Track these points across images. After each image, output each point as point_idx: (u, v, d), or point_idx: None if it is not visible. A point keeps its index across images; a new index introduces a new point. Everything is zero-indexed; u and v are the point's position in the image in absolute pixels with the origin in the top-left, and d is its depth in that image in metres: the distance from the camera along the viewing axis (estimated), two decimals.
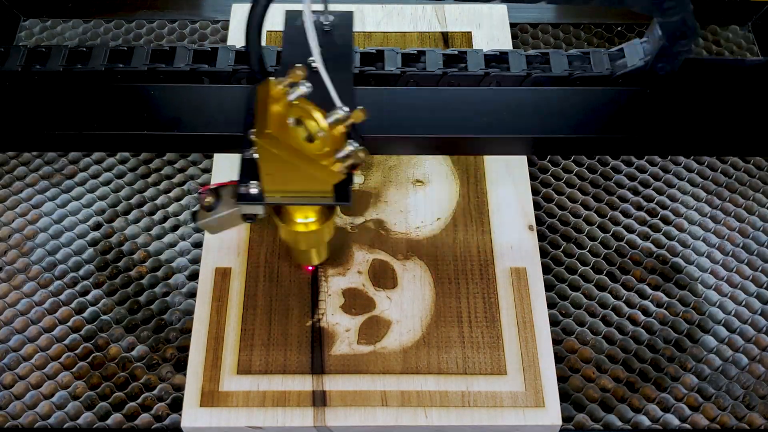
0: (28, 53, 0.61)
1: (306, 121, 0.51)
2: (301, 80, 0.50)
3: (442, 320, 0.67)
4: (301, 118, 0.51)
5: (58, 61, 0.61)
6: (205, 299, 0.67)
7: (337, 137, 0.51)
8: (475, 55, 0.62)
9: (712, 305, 0.73)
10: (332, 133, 0.50)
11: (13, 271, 0.74)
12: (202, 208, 0.58)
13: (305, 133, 0.51)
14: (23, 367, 0.70)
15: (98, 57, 0.61)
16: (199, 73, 0.61)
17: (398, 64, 0.62)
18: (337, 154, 0.50)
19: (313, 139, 0.51)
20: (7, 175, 0.80)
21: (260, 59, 0.55)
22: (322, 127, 0.50)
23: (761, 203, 0.80)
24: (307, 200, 0.55)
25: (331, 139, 0.50)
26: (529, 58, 0.62)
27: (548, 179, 0.80)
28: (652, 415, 0.68)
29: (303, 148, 0.50)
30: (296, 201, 0.55)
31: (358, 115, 0.50)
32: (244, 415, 0.62)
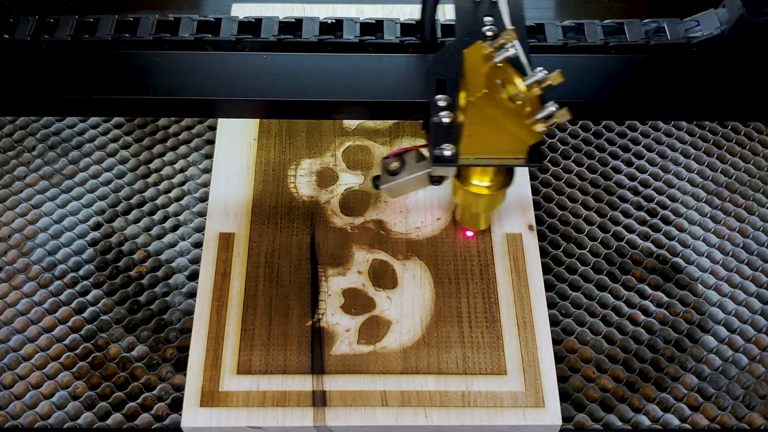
0: (37, 24, 0.62)
1: (507, 84, 0.54)
2: (510, 42, 0.52)
3: (442, 320, 0.67)
4: (504, 81, 0.54)
5: (66, 31, 0.62)
6: (205, 299, 0.67)
7: (534, 99, 0.53)
8: None
9: (712, 305, 0.73)
10: (529, 95, 0.53)
11: (13, 271, 0.74)
12: (388, 172, 0.63)
13: (507, 94, 0.53)
14: (23, 367, 0.70)
15: (105, 27, 0.63)
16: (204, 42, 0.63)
17: None
18: (538, 114, 0.52)
19: (514, 100, 0.53)
20: (7, 175, 0.80)
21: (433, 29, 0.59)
22: (521, 90, 0.53)
23: (761, 203, 0.80)
24: (501, 161, 0.57)
25: (530, 100, 0.53)
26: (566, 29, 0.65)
27: (548, 179, 0.80)
28: (652, 415, 0.68)
29: (511, 109, 0.53)
30: (490, 162, 0.57)
31: (556, 77, 0.52)
32: (244, 415, 0.62)
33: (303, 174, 0.75)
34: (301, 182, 0.74)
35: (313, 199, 0.73)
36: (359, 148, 0.76)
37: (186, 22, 0.63)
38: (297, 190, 0.74)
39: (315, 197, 0.73)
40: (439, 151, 0.57)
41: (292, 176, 0.74)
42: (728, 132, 0.84)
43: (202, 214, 0.77)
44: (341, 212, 0.72)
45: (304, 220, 0.72)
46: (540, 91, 0.53)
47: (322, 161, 0.75)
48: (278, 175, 0.74)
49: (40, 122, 0.84)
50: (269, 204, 0.73)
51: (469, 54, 0.54)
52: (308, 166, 0.75)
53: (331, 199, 0.73)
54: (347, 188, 0.74)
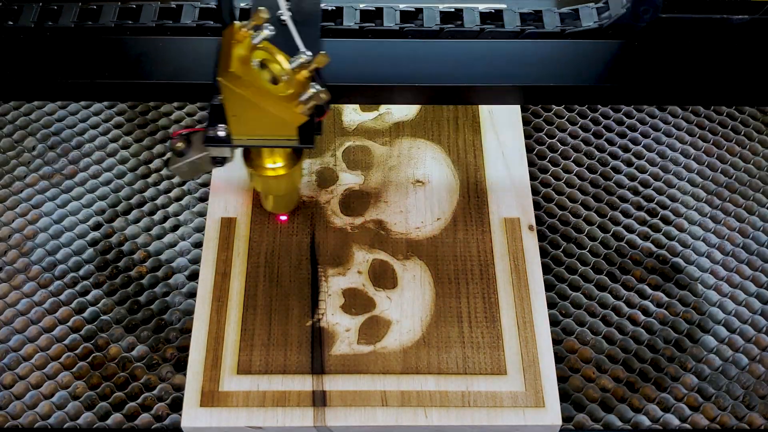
0: (41, 11, 0.63)
1: (270, 65, 0.53)
2: (264, 23, 0.52)
3: (442, 320, 0.67)
4: (266, 62, 0.53)
5: (69, 18, 0.63)
6: (205, 299, 0.67)
7: (300, 81, 0.53)
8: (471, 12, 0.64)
9: (712, 305, 0.73)
10: (296, 77, 0.53)
11: (13, 271, 0.74)
12: (174, 153, 0.60)
13: (269, 75, 0.53)
14: (23, 367, 0.70)
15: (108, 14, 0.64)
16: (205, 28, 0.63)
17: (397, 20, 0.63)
18: (301, 97, 0.52)
19: (277, 81, 0.53)
20: (7, 175, 0.80)
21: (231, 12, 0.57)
22: (286, 71, 0.53)
23: (761, 203, 0.80)
24: (273, 143, 0.57)
25: (295, 82, 0.53)
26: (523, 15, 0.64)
27: (548, 179, 0.80)
28: (652, 415, 0.68)
29: (267, 89, 0.53)
30: (262, 143, 0.58)
31: (321, 59, 0.52)
32: (244, 415, 0.62)
33: (303, 174, 0.75)
34: (301, 182, 0.74)
35: (313, 199, 0.73)
36: (359, 148, 0.76)
37: (188, 9, 0.64)
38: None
39: (315, 197, 0.73)
40: (213, 132, 0.57)
41: None
42: (728, 132, 0.84)
43: (202, 214, 0.77)
44: (341, 212, 0.72)
45: (304, 220, 0.72)
46: (309, 73, 0.53)
47: (322, 161, 0.75)
48: None
49: (40, 122, 0.84)
50: None
51: (225, 35, 0.54)
52: (308, 166, 0.75)
53: (331, 199, 0.73)
54: (347, 188, 0.74)
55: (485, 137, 0.77)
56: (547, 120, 0.84)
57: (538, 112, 0.85)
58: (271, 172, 0.62)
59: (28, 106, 0.85)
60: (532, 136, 0.83)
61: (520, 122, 0.78)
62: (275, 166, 0.62)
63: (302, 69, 0.53)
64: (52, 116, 0.84)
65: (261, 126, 0.55)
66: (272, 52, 0.54)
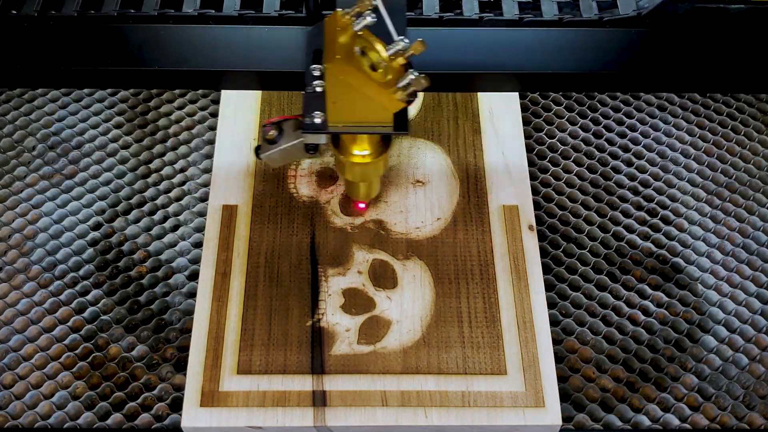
0: (44, 0, 0.64)
1: (369, 52, 0.55)
2: (366, 10, 0.54)
3: (442, 320, 0.67)
4: (365, 49, 0.55)
5: (72, 7, 0.64)
6: (205, 299, 0.67)
7: (396, 68, 0.55)
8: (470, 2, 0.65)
9: (712, 305, 0.73)
10: (392, 64, 0.55)
11: (13, 271, 0.74)
12: (266, 141, 0.63)
13: (369, 62, 0.55)
14: (23, 367, 0.70)
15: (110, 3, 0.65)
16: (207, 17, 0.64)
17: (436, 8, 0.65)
18: (398, 83, 0.54)
19: (376, 68, 0.55)
20: (7, 175, 0.80)
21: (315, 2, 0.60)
22: (383, 58, 0.55)
23: (761, 203, 0.80)
24: (368, 129, 0.59)
25: (392, 69, 0.54)
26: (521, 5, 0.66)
27: (548, 179, 0.80)
28: (652, 415, 0.68)
29: (369, 76, 0.54)
30: (357, 130, 0.59)
31: (417, 46, 0.53)
32: (244, 415, 0.62)
33: (303, 174, 0.75)
34: (301, 182, 0.74)
35: (313, 199, 0.73)
36: None
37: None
38: (297, 190, 0.74)
39: (315, 197, 0.73)
40: (309, 119, 0.58)
41: (292, 176, 0.74)
42: (728, 132, 0.84)
43: (202, 214, 0.77)
44: (341, 212, 0.72)
45: (304, 220, 0.72)
46: (404, 60, 0.55)
47: (322, 161, 0.75)
48: (278, 175, 0.74)
49: (40, 122, 0.84)
50: (269, 204, 0.73)
51: (329, 22, 0.55)
52: (308, 166, 0.75)
53: (331, 199, 0.73)
54: None
55: (485, 137, 0.77)
56: (547, 120, 0.84)
57: (538, 113, 0.85)
58: (360, 159, 0.63)
59: (28, 106, 0.85)
60: (532, 136, 0.83)
61: (520, 122, 0.78)
62: (364, 153, 0.63)
63: (398, 56, 0.54)
64: (52, 116, 0.84)
65: (359, 113, 0.57)
66: (370, 40, 0.55)
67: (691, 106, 0.86)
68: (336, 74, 0.53)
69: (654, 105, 0.86)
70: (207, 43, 0.62)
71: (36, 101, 0.85)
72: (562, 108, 0.85)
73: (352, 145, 0.63)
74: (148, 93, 0.86)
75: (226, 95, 0.79)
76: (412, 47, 0.54)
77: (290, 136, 0.63)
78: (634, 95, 0.86)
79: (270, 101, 0.78)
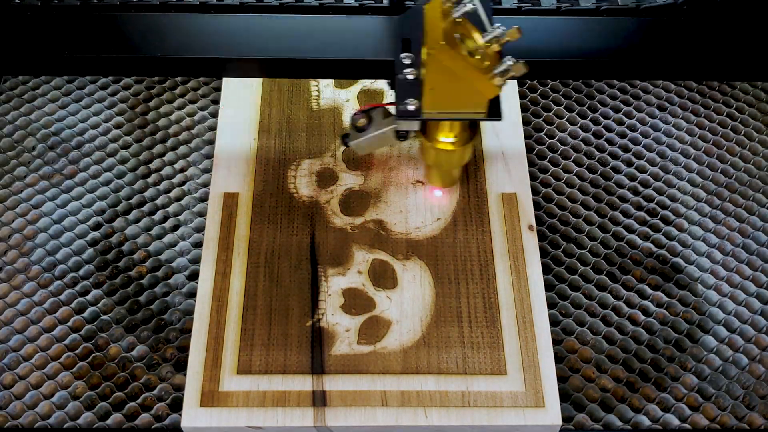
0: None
1: (466, 40, 0.56)
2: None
3: (442, 320, 0.67)
4: (463, 36, 0.56)
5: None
6: (205, 299, 0.67)
7: (492, 55, 0.56)
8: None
9: (712, 305, 0.73)
10: (488, 51, 0.56)
11: (13, 271, 0.74)
12: (355, 129, 0.65)
13: (466, 49, 0.56)
14: (23, 367, 0.70)
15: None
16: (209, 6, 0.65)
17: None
18: (496, 69, 0.55)
19: (473, 55, 0.56)
20: (7, 175, 0.80)
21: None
22: (480, 45, 0.56)
23: (761, 203, 0.80)
24: (462, 116, 0.60)
25: (488, 56, 0.56)
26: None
27: (548, 179, 0.80)
28: (652, 415, 0.68)
29: (468, 62, 0.55)
30: (452, 117, 0.60)
31: (514, 33, 0.55)
32: (244, 415, 0.62)
33: (303, 174, 0.75)
34: (301, 182, 0.74)
35: (313, 199, 0.73)
36: None
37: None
38: (297, 190, 0.74)
39: (315, 197, 0.73)
40: (403, 106, 0.59)
41: (292, 176, 0.74)
42: (728, 132, 0.84)
43: (202, 214, 0.77)
44: (341, 212, 0.72)
45: (304, 220, 0.72)
46: (499, 47, 0.56)
47: (322, 161, 0.75)
48: (278, 175, 0.74)
49: (40, 122, 0.84)
50: (269, 204, 0.73)
51: (429, 9, 0.56)
52: (308, 166, 0.75)
53: (331, 199, 0.73)
54: (347, 188, 0.74)
55: (485, 137, 0.77)
56: (547, 120, 0.85)
57: (538, 113, 0.85)
58: (448, 146, 0.65)
59: (28, 106, 0.85)
60: (532, 136, 0.83)
61: (520, 122, 0.78)
62: (451, 140, 0.64)
63: (493, 43, 0.55)
64: (52, 116, 0.84)
65: (455, 99, 0.58)
66: (468, 27, 0.56)
67: (691, 107, 0.86)
68: (439, 60, 0.54)
69: (654, 105, 0.86)
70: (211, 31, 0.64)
71: (36, 101, 0.85)
72: (562, 108, 0.85)
73: (439, 131, 0.64)
74: (148, 93, 0.86)
75: (226, 83, 0.80)
76: (508, 34, 0.55)
77: (380, 123, 0.65)
78: (634, 95, 0.86)
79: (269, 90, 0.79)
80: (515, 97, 0.80)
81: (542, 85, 0.87)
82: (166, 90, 0.86)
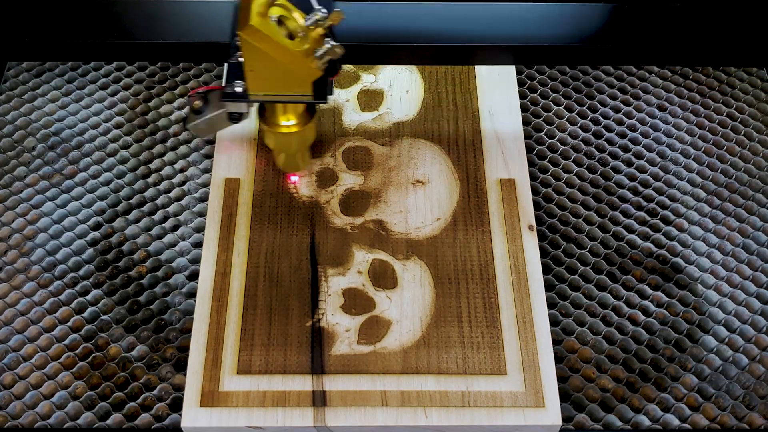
0: None
1: (286, 21, 0.56)
2: None
3: (442, 320, 0.67)
4: (282, 18, 0.56)
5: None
6: (205, 299, 0.67)
7: (315, 38, 0.56)
8: None
9: (712, 305, 0.73)
10: (311, 34, 0.56)
11: (13, 271, 0.74)
12: (192, 111, 0.65)
13: (285, 31, 0.56)
14: (23, 367, 0.70)
15: None
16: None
17: None
18: (316, 52, 0.55)
19: (293, 37, 0.56)
20: (7, 175, 0.80)
21: None
22: (302, 27, 0.56)
23: (761, 203, 0.80)
24: (288, 98, 0.61)
25: (310, 38, 0.56)
26: None
27: (548, 179, 0.80)
28: (652, 415, 0.68)
29: (284, 44, 0.55)
30: (277, 99, 0.61)
31: (336, 16, 0.55)
32: (244, 415, 0.62)
33: (303, 174, 0.75)
34: (301, 182, 0.74)
35: (313, 199, 0.73)
36: (359, 148, 0.76)
37: None
38: (297, 190, 0.74)
39: (315, 197, 0.73)
40: (230, 88, 0.60)
41: None
42: (728, 132, 0.84)
43: (202, 214, 0.77)
44: (341, 212, 0.72)
45: (304, 220, 0.72)
46: (323, 30, 0.56)
47: (322, 161, 0.75)
48: (278, 175, 0.74)
49: (40, 122, 0.84)
50: (269, 204, 0.73)
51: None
52: (308, 167, 0.75)
53: (331, 199, 0.73)
54: (347, 188, 0.74)
55: (485, 137, 0.77)
56: (547, 120, 0.85)
57: (538, 113, 0.85)
58: (285, 129, 0.65)
59: (28, 106, 0.85)
60: (532, 136, 0.83)
61: (520, 122, 0.78)
62: (289, 123, 0.65)
63: (317, 26, 0.55)
64: (52, 116, 0.84)
65: (277, 81, 0.58)
66: (289, 9, 0.56)
67: (691, 107, 0.86)
68: (249, 42, 0.55)
69: (654, 105, 0.86)
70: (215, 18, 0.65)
71: (36, 101, 0.85)
72: (562, 108, 0.85)
73: (277, 115, 0.65)
74: (148, 93, 0.86)
75: None
76: (330, 17, 0.55)
77: (215, 106, 0.64)
78: (634, 95, 0.86)
79: None
80: (513, 82, 0.81)
81: (542, 85, 0.87)
82: (166, 90, 0.86)
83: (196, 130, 0.66)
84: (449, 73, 0.81)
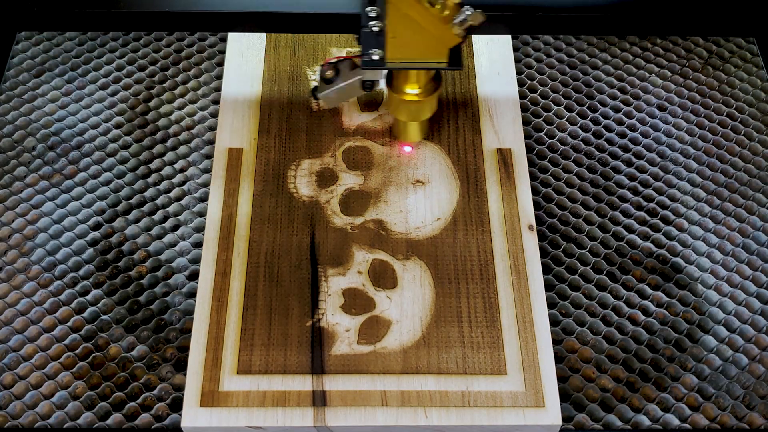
0: None
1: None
2: None
3: (442, 320, 0.67)
4: None
5: None
6: (205, 299, 0.67)
7: (451, 6, 0.59)
8: None
9: (712, 305, 0.73)
10: (448, 2, 0.59)
11: (13, 271, 0.74)
12: (323, 80, 0.69)
13: None
14: (23, 367, 0.70)
15: None
16: None
17: None
18: (455, 19, 0.59)
19: (433, 4, 0.59)
20: (7, 175, 0.80)
21: None
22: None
23: (761, 203, 0.80)
24: (424, 65, 0.64)
25: (448, 6, 0.59)
26: None
27: (548, 179, 0.80)
28: (652, 415, 0.68)
29: (428, 10, 0.59)
30: (414, 66, 0.64)
31: None
32: (244, 415, 0.62)
33: (303, 174, 0.75)
34: (301, 182, 0.74)
35: (313, 199, 0.73)
36: (359, 148, 0.76)
37: None
38: (297, 190, 0.74)
39: (315, 197, 0.73)
40: (368, 56, 0.63)
41: (292, 176, 0.74)
42: (728, 132, 0.84)
43: (202, 214, 0.77)
44: (341, 212, 0.72)
45: (304, 220, 0.72)
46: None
47: (322, 161, 0.75)
48: (278, 175, 0.74)
49: (40, 122, 0.84)
50: (269, 204, 0.73)
51: None
52: (308, 166, 0.75)
53: (331, 199, 0.73)
54: (347, 188, 0.74)
55: (485, 137, 0.77)
56: (547, 120, 0.85)
57: (538, 113, 0.85)
58: (413, 97, 0.68)
59: (28, 106, 0.85)
60: (532, 136, 0.83)
61: (520, 122, 0.78)
62: (416, 91, 0.68)
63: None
64: (52, 116, 0.84)
65: (417, 48, 0.61)
66: None
67: (691, 107, 0.86)
68: (398, 7, 0.58)
69: (654, 105, 0.86)
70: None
71: (36, 101, 0.85)
72: (562, 108, 0.85)
73: (404, 83, 0.68)
74: (148, 93, 0.86)
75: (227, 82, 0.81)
76: None
77: (347, 75, 0.68)
78: (634, 95, 0.86)
79: (270, 89, 0.79)
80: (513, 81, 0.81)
81: (542, 85, 0.87)
82: (166, 90, 0.86)
83: (326, 99, 0.69)
84: (449, 72, 0.81)
